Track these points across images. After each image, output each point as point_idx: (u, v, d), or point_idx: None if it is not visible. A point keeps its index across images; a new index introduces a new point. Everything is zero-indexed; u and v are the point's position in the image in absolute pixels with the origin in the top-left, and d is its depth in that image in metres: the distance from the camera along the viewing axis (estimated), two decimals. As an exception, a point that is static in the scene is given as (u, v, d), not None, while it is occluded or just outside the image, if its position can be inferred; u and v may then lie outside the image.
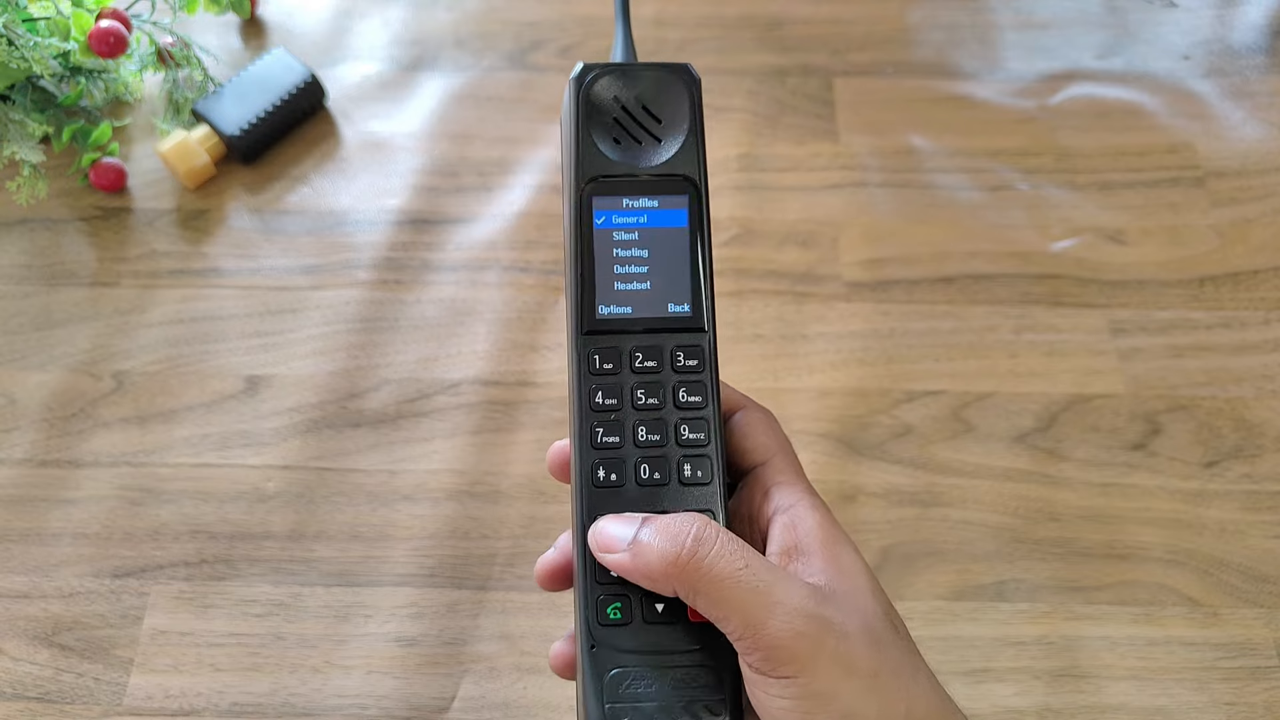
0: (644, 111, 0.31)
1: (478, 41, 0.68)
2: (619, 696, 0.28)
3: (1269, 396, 0.54)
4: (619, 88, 0.31)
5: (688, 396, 0.30)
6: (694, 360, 0.31)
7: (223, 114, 0.61)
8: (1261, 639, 0.48)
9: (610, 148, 0.31)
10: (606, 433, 0.30)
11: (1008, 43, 0.68)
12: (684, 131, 0.31)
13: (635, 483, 0.30)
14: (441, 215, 0.61)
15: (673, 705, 0.28)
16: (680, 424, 0.30)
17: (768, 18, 0.69)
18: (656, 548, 0.27)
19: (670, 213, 0.31)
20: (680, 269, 0.31)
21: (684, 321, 0.31)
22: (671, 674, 0.28)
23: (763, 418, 0.33)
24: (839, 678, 0.26)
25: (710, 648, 0.28)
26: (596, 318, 0.31)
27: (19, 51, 0.55)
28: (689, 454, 0.30)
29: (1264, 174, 0.62)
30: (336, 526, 0.51)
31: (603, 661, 0.28)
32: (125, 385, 0.55)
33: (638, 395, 0.30)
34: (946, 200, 0.61)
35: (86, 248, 0.60)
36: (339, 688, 0.47)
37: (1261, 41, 0.68)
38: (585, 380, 0.30)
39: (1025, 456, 0.53)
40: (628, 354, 0.30)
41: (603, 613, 0.29)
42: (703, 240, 0.31)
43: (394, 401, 0.55)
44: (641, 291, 0.31)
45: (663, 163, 0.31)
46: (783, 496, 0.30)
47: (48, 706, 0.47)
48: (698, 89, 0.32)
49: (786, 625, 0.26)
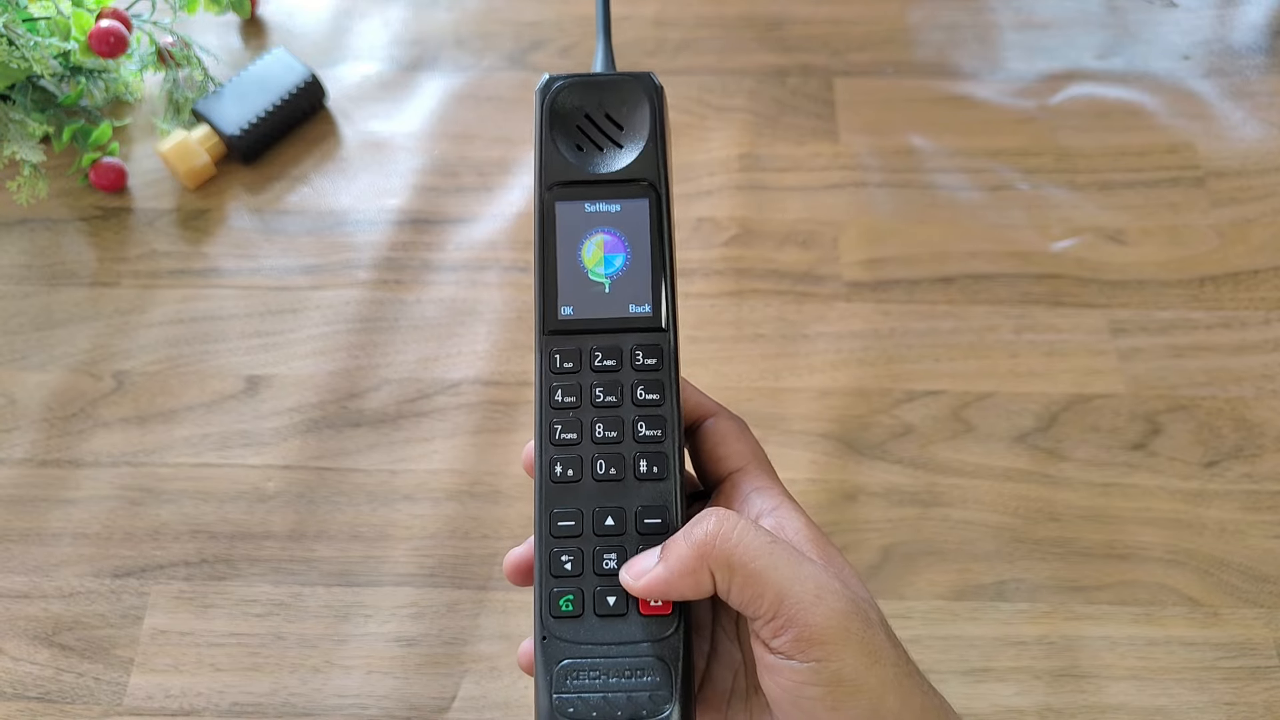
0: (606, 119, 0.33)
1: (478, 41, 0.68)
2: (566, 687, 0.29)
3: (1269, 396, 0.54)
4: (582, 97, 0.33)
5: (645, 394, 0.31)
6: (653, 359, 0.31)
7: (223, 114, 0.61)
8: (1261, 639, 0.48)
9: (573, 154, 0.32)
10: (565, 429, 0.31)
11: (1008, 43, 0.68)
12: (645, 137, 0.32)
13: (592, 478, 0.31)
14: (441, 215, 0.61)
15: (618, 696, 0.29)
16: (638, 421, 0.31)
17: (768, 18, 0.69)
18: (684, 540, 0.28)
19: (631, 216, 0.32)
20: (641, 270, 0.32)
21: (644, 321, 0.32)
22: (619, 665, 0.29)
23: (735, 425, 0.33)
24: (867, 665, 0.26)
25: (658, 640, 0.29)
26: (558, 318, 0.32)
27: (19, 51, 0.55)
28: (645, 450, 0.31)
29: (1264, 174, 0.62)
30: (337, 526, 0.51)
31: (553, 653, 0.29)
32: (125, 385, 0.55)
33: (596, 393, 0.31)
34: (947, 200, 0.61)
35: (87, 248, 0.60)
36: (339, 688, 0.47)
37: (1261, 41, 0.68)
38: (546, 379, 0.31)
39: (1025, 456, 0.53)
40: (588, 353, 0.31)
41: (555, 605, 0.30)
42: (664, 242, 0.32)
43: (394, 401, 0.55)
44: (603, 293, 0.32)
45: (624, 168, 0.32)
46: (764, 501, 0.31)
47: (48, 706, 0.47)
48: (659, 96, 0.33)
49: (820, 602, 0.26)
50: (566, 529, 0.30)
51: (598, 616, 0.29)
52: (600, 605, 0.30)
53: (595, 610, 0.30)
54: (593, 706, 0.28)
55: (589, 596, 0.30)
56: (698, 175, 0.62)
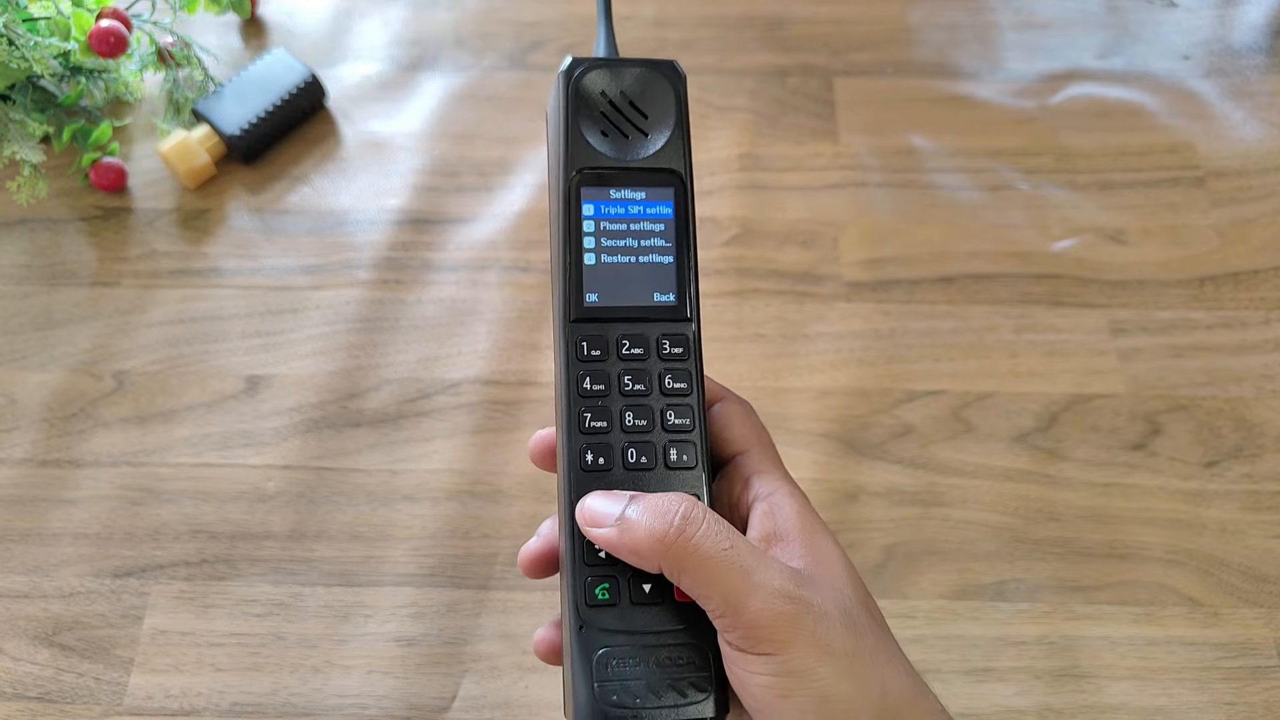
0: (630, 106, 0.32)
1: (478, 41, 0.68)
2: (607, 675, 0.29)
3: (1269, 396, 0.54)
4: (606, 82, 0.32)
5: (673, 383, 0.31)
6: (679, 349, 0.31)
7: (223, 114, 0.61)
8: (1261, 639, 0.48)
9: (598, 140, 0.32)
10: (594, 418, 0.31)
11: (1008, 43, 0.68)
12: (670, 126, 0.32)
13: (623, 466, 0.30)
14: (441, 215, 0.61)
15: (659, 684, 0.29)
16: (666, 410, 0.31)
17: (768, 18, 0.69)
18: (644, 525, 0.28)
19: (657, 204, 0.32)
20: (666, 260, 0.32)
21: (669, 311, 0.32)
22: (657, 653, 0.29)
23: (741, 409, 0.33)
24: (817, 658, 0.26)
25: (695, 627, 0.29)
26: (584, 305, 0.31)
27: (19, 51, 0.55)
28: (674, 439, 0.31)
29: (1264, 174, 0.62)
30: (337, 526, 0.51)
31: (590, 642, 0.29)
32: (125, 385, 0.55)
33: (625, 382, 0.31)
34: (947, 200, 0.61)
35: (87, 248, 0.60)
36: (339, 688, 0.47)
37: (1261, 41, 0.68)
38: (573, 366, 0.31)
39: (1025, 456, 0.53)
40: (615, 341, 0.31)
41: (591, 594, 0.30)
42: (688, 232, 0.32)
43: (394, 401, 0.55)
44: (628, 281, 0.32)
45: (649, 156, 0.32)
46: (762, 484, 0.31)
47: (48, 706, 0.47)
48: (683, 85, 0.32)
49: (766, 605, 0.26)
50: None
51: (633, 604, 0.29)
52: (636, 593, 0.29)
53: (631, 598, 0.29)
54: (635, 694, 0.28)
55: (624, 584, 0.30)
56: (698, 175, 0.62)
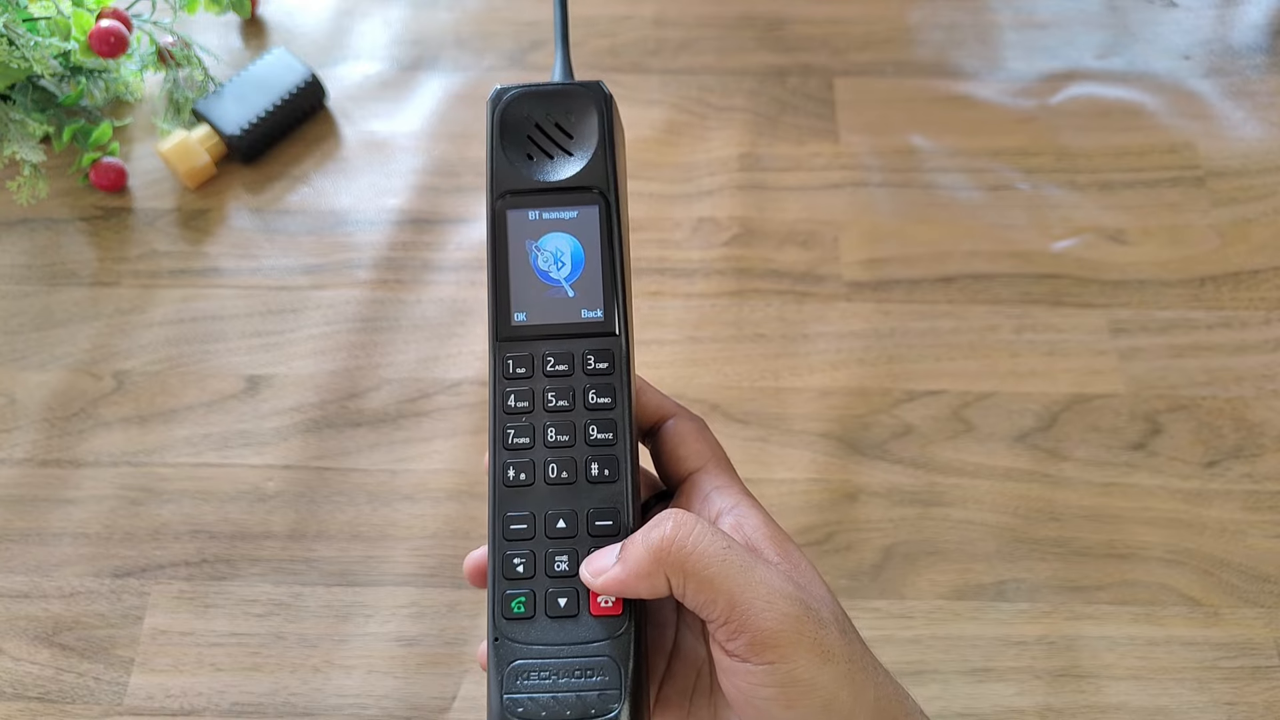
0: (556, 128, 0.33)
1: (478, 41, 0.68)
2: (517, 688, 0.29)
3: (1269, 396, 0.54)
4: (532, 107, 0.33)
5: (597, 398, 0.32)
6: (604, 363, 0.32)
7: (223, 114, 0.61)
8: (1262, 639, 0.48)
9: (523, 163, 0.33)
10: (518, 434, 0.31)
11: (1008, 42, 0.68)
12: (594, 145, 0.33)
13: (544, 481, 0.31)
14: (441, 215, 0.61)
15: (568, 696, 0.29)
16: (589, 425, 0.31)
17: (768, 18, 0.69)
18: (641, 542, 0.28)
19: (582, 223, 0.32)
20: (593, 276, 0.32)
21: (596, 326, 0.32)
22: (570, 665, 0.29)
23: (694, 425, 0.33)
24: (818, 665, 0.26)
25: (610, 640, 0.29)
26: (511, 325, 0.32)
27: (19, 51, 0.55)
28: (597, 453, 0.31)
29: (1264, 174, 0.62)
30: (337, 526, 0.51)
31: (505, 653, 0.30)
32: (125, 385, 0.55)
33: (549, 398, 0.32)
34: (947, 200, 0.61)
35: (87, 247, 0.60)
36: (339, 688, 0.47)
37: (1261, 41, 0.68)
38: (500, 384, 0.32)
39: (1026, 456, 0.53)
40: (540, 359, 0.32)
41: (507, 606, 0.30)
42: (614, 248, 0.32)
43: (394, 401, 0.55)
44: (555, 299, 0.32)
45: (573, 175, 0.32)
46: (723, 499, 0.31)
47: (48, 706, 0.47)
48: (608, 105, 0.33)
49: (771, 607, 0.26)
50: (519, 532, 0.31)
51: (549, 618, 0.30)
52: (552, 607, 0.30)
53: (547, 612, 0.30)
54: (542, 706, 0.29)
55: (541, 598, 0.30)
56: (698, 175, 0.62)
